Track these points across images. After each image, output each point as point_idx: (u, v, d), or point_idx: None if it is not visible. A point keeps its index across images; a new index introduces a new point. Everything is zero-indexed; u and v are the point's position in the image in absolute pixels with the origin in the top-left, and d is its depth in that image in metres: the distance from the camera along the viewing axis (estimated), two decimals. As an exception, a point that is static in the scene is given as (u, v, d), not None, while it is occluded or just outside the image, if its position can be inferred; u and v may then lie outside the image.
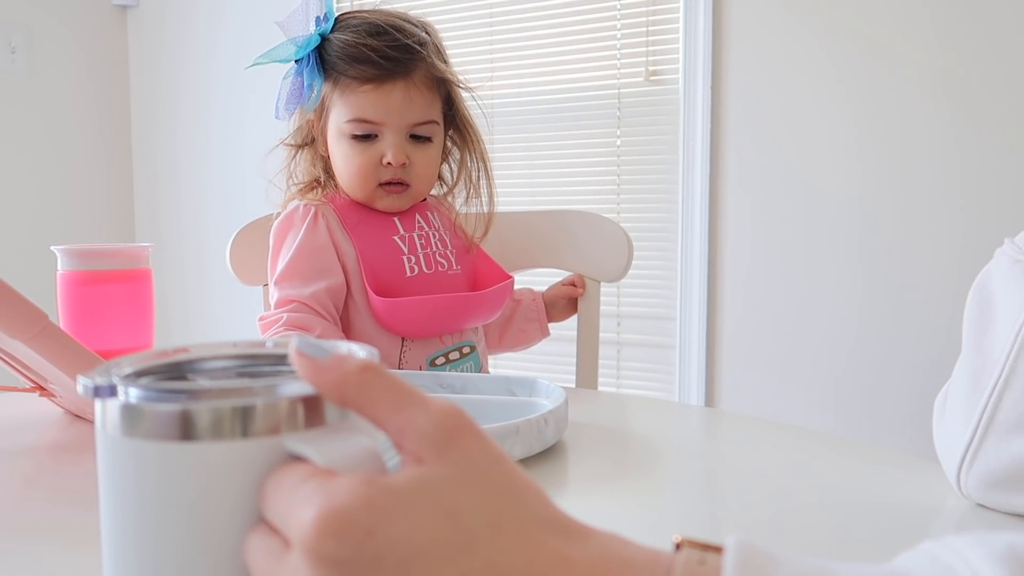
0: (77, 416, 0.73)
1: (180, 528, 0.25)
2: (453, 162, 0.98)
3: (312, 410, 0.26)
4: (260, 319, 0.86)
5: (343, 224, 0.90)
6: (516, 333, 1.04)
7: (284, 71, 0.88)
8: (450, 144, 0.97)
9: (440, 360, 0.90)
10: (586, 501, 0.52)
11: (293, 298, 0.84)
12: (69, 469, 0.59)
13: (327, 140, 0.91)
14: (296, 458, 0.26)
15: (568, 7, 1.94)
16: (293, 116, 0.91)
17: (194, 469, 0.25)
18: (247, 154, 2.28)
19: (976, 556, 0.25)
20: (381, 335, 0.88)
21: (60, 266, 0.81)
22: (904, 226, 1.66)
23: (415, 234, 0.92)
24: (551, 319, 1.05)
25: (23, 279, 0.90)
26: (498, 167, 1.12)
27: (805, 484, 0.54)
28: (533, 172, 2.03)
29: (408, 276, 0.89)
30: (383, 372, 0.26)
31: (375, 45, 0.85)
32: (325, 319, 0.85)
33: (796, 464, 0.59)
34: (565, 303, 1.05)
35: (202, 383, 0.30)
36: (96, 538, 0.28)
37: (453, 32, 2.03)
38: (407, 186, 0.90)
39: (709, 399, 1.87)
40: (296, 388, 0.26)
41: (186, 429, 0.25)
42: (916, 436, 1.62)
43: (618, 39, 1.90)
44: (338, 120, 0.88)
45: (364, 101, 0.86)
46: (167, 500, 0.25)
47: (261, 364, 0.32)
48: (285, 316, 0.83)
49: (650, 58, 1.87)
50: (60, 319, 0.80)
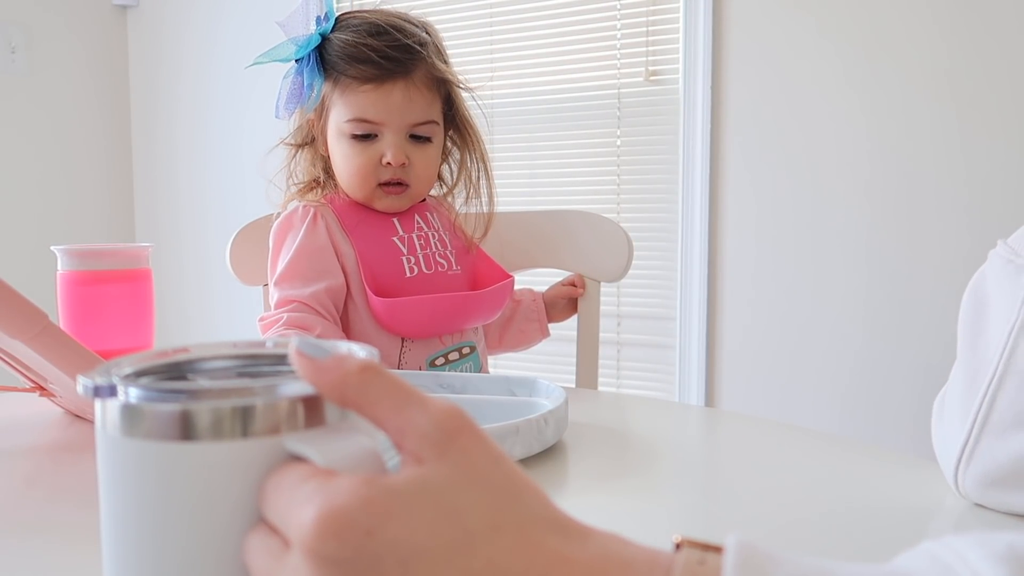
0: (77, 416, 0.73)
1: (180, 528, 0.25)
2: (453, 162, 0.98)
3: (312, 410, 0.26)
4: (260, 320, 0.86)
5: (342, 225, 0.90)
6: (516, 333, 1.04)
7: (284, 71, 0.88)
8: (450, 144, 0.97)
9: (440, 361, 0.90)
10: (586, 501, 0.52)
11: (293, 298, 0.84)
12: (69, 469, 0.59)
13: (327, 140, 0.91)
14: (296, 458, 0.26)
15: (568, 7, 1.94)
16: (293, 116, 0.91)
17: (194, 469, 0.25)
18: (247, 154, 2.28)
19: (976, 556, 0.25)
20: (381, 336, 0.88)
21: (60, 266, 0.81)
22: (903, 226, 1.66)
23: (414, 235, 0.92)
24: (551, 319, 1.05)
25: (23, 279, 0.90)
26: (498, 167, 1.13)
27: (805, 484, 0.54)
28: (533, 172, 2.03)
29: (407, 277, 0.89)
30: (383, 372, 0.26)
31: (375, 45, 0.85)
32: (325, 319, 0.85)
33: (796, 464, 0.59)
34: (565, 303, 1.05)
35: (202, 383, 0.30)
36: (96, 538, 0.28)
37: (453, 32, 2.03)
38: (406, 186, 0.90)
39: (709, 399, 1.87)
40: (296, 388, 0.26)
41: (186, 429, 0.25)
42: (918, 436, 1.62)
43: (618, 39, 1.90)
44: (338, 120, 0.88)
45: (364, 101, 0.86)
46: (167, 500, 0.25)
47: (261, 364, 0.32)
48: (285, 316, 0.83)
49: (650, 58, 1.87)
50: (60, 319, 0.80)
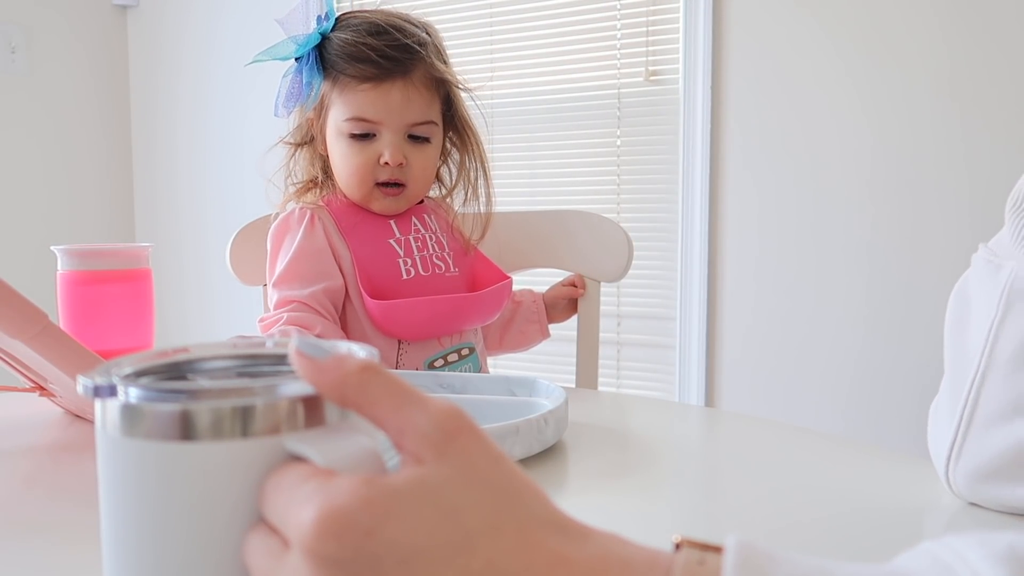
0: (77, 416, 0.73)
1: (180, 528, 0.25)
2: (452, 164, 0.98)
3: (312, 410, 0.26)
4: (260, 320, 0.86)
5: (339, 227, 0.90)
6: (516, 334, 1.04)
7: (284, 69, 0.88)
8: (449, 146, 0.97)
9: (439, 363, 0.90)
10: (586, 501, 0.52)
11: (293, 298, 0.85)
12: (69, 469, 0.59)
13: (326, 139, 0.91)
14: (296, 458, 0.26)
15: (568, 7, 1.94)
16: (292, 114, 0.91)
17: (194, 469, 0.25)
18: (247, 154, 2.28)
19: (976, 556, 0.25)
20: (378, 338, 0.88)
21: (60, 266, 0.81)
22: (904, 226, 1.66)
23: (411, 237, 0.92)
24: (551, 320, 1.05)
25: (23, 279, 0.90)
26: (498, 167, 1.13)
27: (804, 483, 0.54)
28: (533, 172, 2.03)
29: (404, 279, 0.89)
30: (383, 372, 0.26)
31: (375, 44, 0.85)
32: (325, 318, 0.85)
33: (796, 464, 0.59)
34: (565, 304, 1.05)
35: (202, 383, 0.30)
36: (96, 538, 0.28)
37: (453, 32, 2.03)
38: (404, 187, 0.90)
39: (709, 399, 1.87)
40: (296, 388, 0.26)
41: (186, 429, 0.25)
42: (919, 435, 1.61)
43: (618, 39, 1.90)
44: (337, 119, 0.88)
45: (363, 100, 0.86)
46: (167, 500, 0.25)
47: (261, 364, 0.32)
48: (285, 316, 0.83)
49: (650, 58, 1.87)
50: (60, 319, 0.80)
